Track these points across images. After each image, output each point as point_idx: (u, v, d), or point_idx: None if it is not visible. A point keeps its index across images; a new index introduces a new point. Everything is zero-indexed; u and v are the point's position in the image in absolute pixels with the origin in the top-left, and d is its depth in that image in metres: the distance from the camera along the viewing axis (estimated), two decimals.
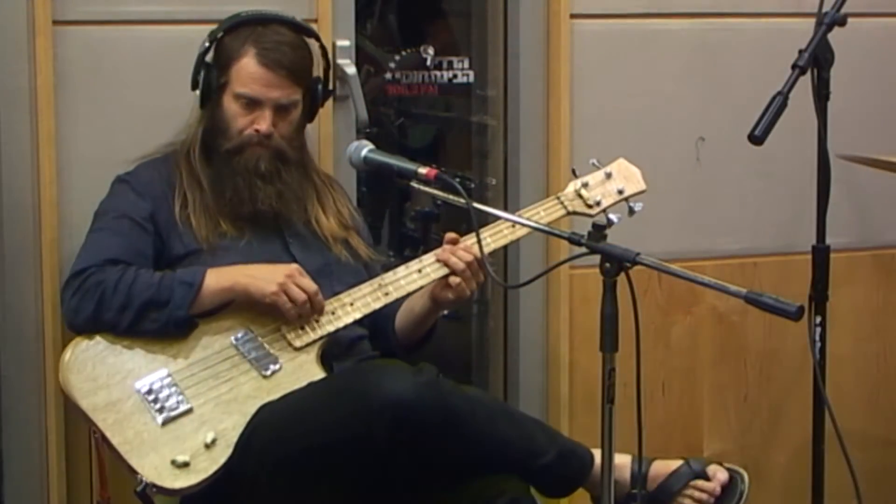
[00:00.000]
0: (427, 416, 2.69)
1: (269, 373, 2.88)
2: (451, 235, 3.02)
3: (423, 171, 2.88)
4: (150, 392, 2.83)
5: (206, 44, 3.05)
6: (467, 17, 3.84)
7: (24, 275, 3.18)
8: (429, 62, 3.74)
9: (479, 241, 2.87)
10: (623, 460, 2.91)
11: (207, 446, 2.77)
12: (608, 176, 3.10)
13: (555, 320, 3.59)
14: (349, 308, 2.97)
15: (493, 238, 3.02)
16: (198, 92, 3.05)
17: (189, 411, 2.81)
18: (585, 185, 3.09)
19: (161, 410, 2.80)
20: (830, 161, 3.17)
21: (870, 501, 3.20)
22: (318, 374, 2.89)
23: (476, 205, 2.83)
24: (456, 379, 2.86)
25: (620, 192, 3.09)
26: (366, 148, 3.01)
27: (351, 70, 3.36)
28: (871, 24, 3.73)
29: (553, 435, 2.95)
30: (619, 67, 3.58)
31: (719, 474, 2.95)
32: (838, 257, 3.30)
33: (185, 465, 2.74)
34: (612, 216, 3.03)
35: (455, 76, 3.77)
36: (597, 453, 2.90)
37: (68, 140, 3.19)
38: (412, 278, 3.00)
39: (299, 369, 2.88)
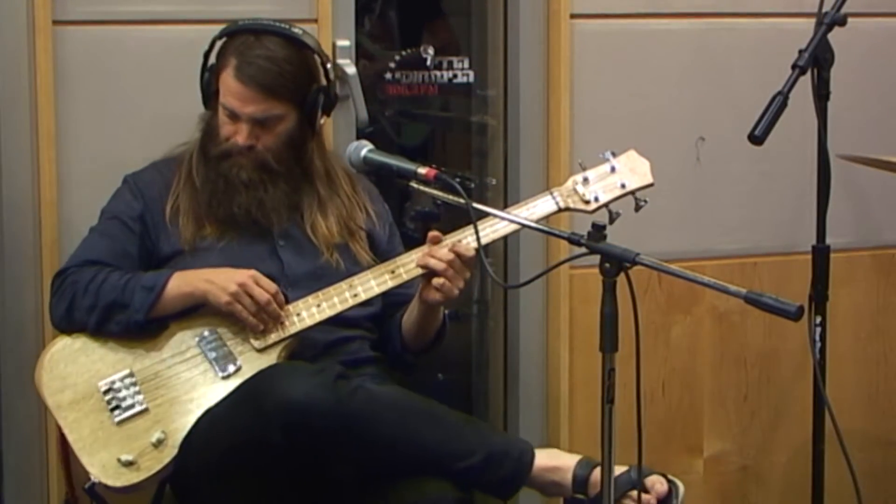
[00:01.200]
0: (320, 419, 2.68)
1: (225, 374, 2.90)
2: (432, 234, 3.00)
3: (422, 171, 2.87)
4: (109, 391, 2.88)
5: (207, 47, 3.06)
6: (467, 17, 3.84)
7: (24, 275, 3.18)
8: (429, 62, 3.74)
9: (478, 239, 2.86)
10: (567, 462, 2.89)
11: (154, 445, 2.81)
12: (612, 170, 3.05)
13: (555, 320, 3.59)
14: (314, 310, 2.96)
15: (483, 235, 2.99)
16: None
17: (145, 411, 2.85)
18: (586, 180, 3.04)
19: (117, 410, 2.85)
20: (830, 161, 3.17)
21: (870, 501, 3.20)
22: None
23: (475, 204, 2.82)
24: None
25: (623, 186, 3.03)
26: (365, 148, 3.00)
27: (351, 70, 3.35)
28: (871, 24, 3.72)
29: (485, 436, 2.88)
30: (619, 67, 3.58)
31: (658, 486, 2.86)
32: (838, 257, 3.30)
33: (130, 463, 2.79)
34: (616, 210, 3.01)
35: (455, 76, 3.76)
36: (542, 452, 2.87)
37: (68, 140, 3.19)
38: (383, 279, 2.99)
39: (258, 371, 2.88)
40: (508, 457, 2.85)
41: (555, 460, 2.89)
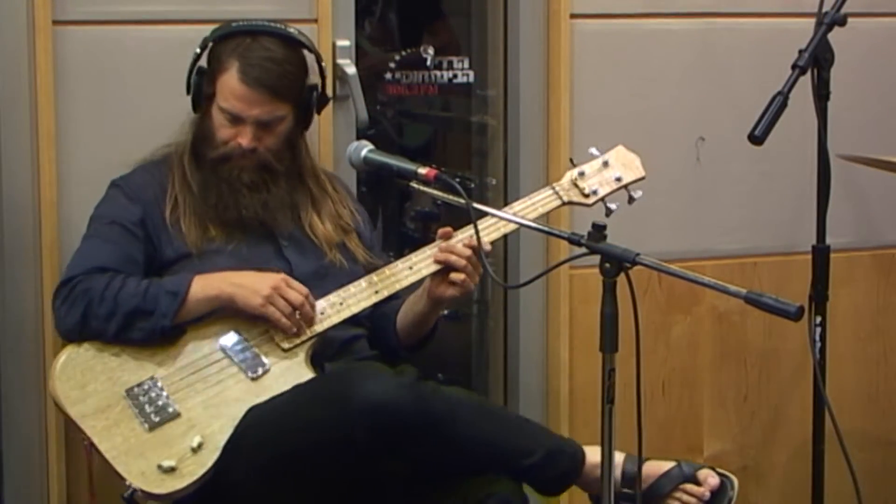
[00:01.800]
0: (407, 419, 2.69)
1: (256, 375, 2.88)
2: (444, 230, 3.01)
3: (422, 171, 2.87)
4: (137, 398, 2.83)
5: (198, 49, 3.04)
6: (467, 17, 3.84)
7: (24, 275, 3.18)
8: (429, 62, 3.74)
9: (478, 239, 2.87)
10: (616, 459, 2.87)
11: (194, 450, 2.77)
12: (605, 164, 3.07)
13: (555, 320, 3.59)
14: (338, 307, 2.96)
15: (486, 232, 3.00)
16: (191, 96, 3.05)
17: (177, 415, 2.82)
18: (582, 175, 3.06)
19: (148, 415, 2.81)
20: (830, 161, 3.17)
21: (870, 501, 3.20)
22: (307, 375, 2.88)
23: (475, 205, 2.83)
24: (455, 379, 2.86)
25: (618, 179, 3.06)
26: (365, 148, 3.01)
27: (351, 70, 3.35)
28: (871, 24, 3.73)
29: (541, 434, 2.95)
30: (619, 67, 3.58)
31: (710, 479, 2.93)
32: (838, 257, 3.30)
33: (172, 469, 2.75)
34: (611, 205, 3.03)
35: (455, 76, 3.76)
36: (588, 450, 2.92)
37: (68, 140, 3.19)
38: (402, 275, 2.99)
39: (288, 371, 2.88)
40: (564, 454, 2.90)
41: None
